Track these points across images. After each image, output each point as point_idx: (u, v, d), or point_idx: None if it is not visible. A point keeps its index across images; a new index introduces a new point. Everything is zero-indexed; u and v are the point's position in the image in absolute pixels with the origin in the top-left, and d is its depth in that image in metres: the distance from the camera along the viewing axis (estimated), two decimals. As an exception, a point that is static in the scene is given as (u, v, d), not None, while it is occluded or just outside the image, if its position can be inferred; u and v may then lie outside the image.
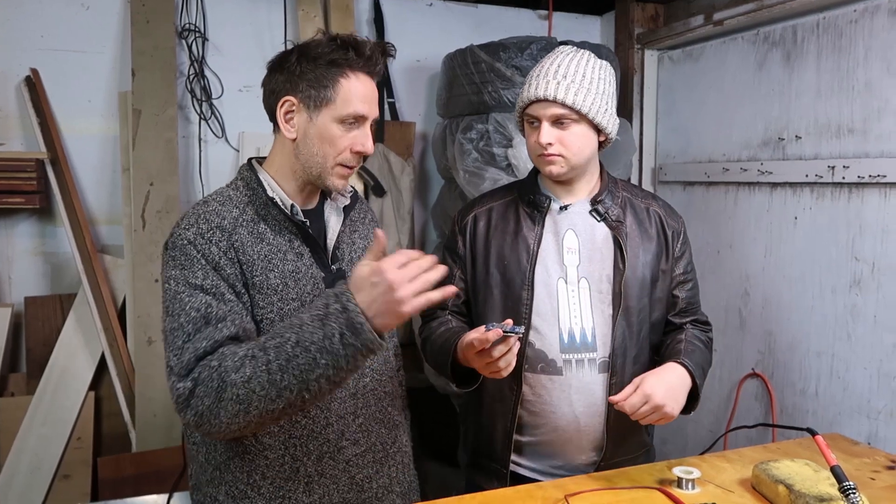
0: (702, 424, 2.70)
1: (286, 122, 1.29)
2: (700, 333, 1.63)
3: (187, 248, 1.23)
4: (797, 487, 1.25)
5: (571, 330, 1.53)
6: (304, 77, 1.27)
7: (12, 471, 2.35)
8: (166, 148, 2.50)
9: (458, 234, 1.66)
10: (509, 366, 1.35)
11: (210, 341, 1.17)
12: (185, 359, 1.16)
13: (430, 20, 2.99)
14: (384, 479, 1.42)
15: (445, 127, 2.67)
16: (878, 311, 2.03)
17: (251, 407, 1.12)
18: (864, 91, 2.06)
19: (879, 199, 2.02)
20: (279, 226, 1.31)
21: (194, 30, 2.63)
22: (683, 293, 1.64)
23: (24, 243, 2.52)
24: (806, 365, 2.25)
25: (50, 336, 2.48)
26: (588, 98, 1.48)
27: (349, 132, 1.29)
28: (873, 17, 2.03)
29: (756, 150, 2.43)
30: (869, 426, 2.05)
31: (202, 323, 1.18)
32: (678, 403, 1.42)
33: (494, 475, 1.60)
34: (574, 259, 1.55)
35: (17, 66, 2.46)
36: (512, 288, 1.55)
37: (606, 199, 1.58)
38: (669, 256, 1.61)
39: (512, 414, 1.56)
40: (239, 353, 1.14)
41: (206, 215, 1.27)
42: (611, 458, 1.55)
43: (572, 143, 1.50)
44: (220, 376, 1.13)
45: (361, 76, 1.30)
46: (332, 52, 1.27)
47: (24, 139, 2.49)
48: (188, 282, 1.21)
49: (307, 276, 1.30)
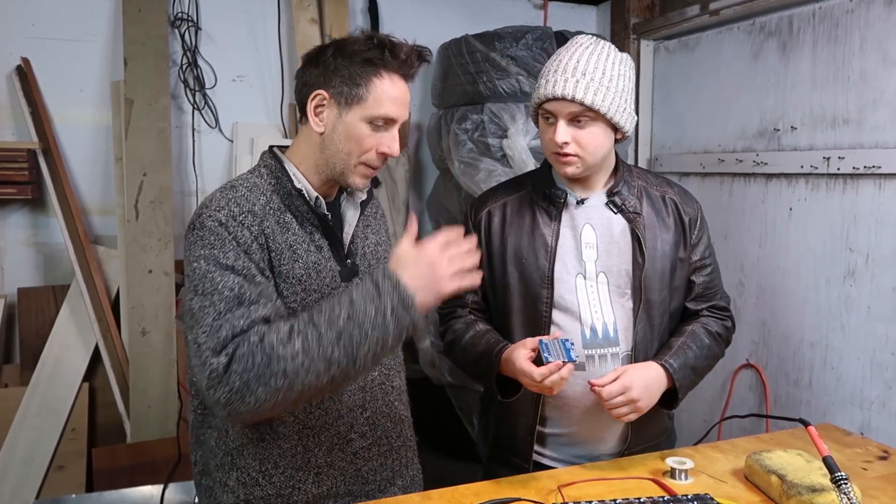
0: (696, 415, 2.71)
1: (315, 115, 1.29)
2: (714, 323, 1.61)
3: (218, 230, 1.21)
4: (790, 478, 1.25)
5: (594, 325, 1.51)
6: (338, 73, 1.26)
7: (6, 462, 2.34)
8: (159, 138, 2.48)
9: (472, 230, 1.62)
10: (561, 388, 1.37)
11: (247, 320, 1.15)
12: (222, 335, 1.13)
13: (425, 9, 2.97)
14: (387, 472, 1.43)
15: (440, 117, 2.66)
16: (871, 302, 2.03)
17: (296, 382, 1.11)
18: (859, 81, 2.05)
19: (874, 189, 2.02)
20: (302, 217, 1.31)
21: (187, 19, 2.61)
22: (700, 278, 1.61)
23: (17, 234, 2.51)
24: (800, 355, 2.26)
25: (43, 327, 2.47)
26: (607, 97, 1.44)
27: (377, 133, 1.28)
28: (869, 6, 2.02)
29: (751, 140, 2.43)
30: (862, 416, 2.06)
31: (235, 303, 1.16)
32: (650, 401, 1.43)
33: (516, 469, 1.57)
34: (592, 254, 1.53)
35: (8, 56, 2.44)
36: (531, 286, 1.53)
37: (623, 190, 1.55)
38: (687, 244, 1.58)
39: (535, 410, 1.54)
40: (283, 328, 1.13)
41: (237, 199, 1.25)
42: (634, 447, 1.55)
43: (589, 142, 1.46)
44: (265, 351, 1.11)
45: (395, 78, 1.28)
46: (367, 51, 1.26)
47: (15, 129, 2.47)
48: (219, 262, 1.18)
49: (326, 268, 1.31)
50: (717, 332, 1.61)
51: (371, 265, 1.41)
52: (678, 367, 1.48)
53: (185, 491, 2.26)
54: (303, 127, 1.34)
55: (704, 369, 1.58)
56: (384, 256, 1.46)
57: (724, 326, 1.64)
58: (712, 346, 1.58)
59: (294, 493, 1.31)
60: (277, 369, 1.10)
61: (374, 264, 1.41)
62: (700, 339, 1.56)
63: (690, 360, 1.51)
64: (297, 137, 1.37)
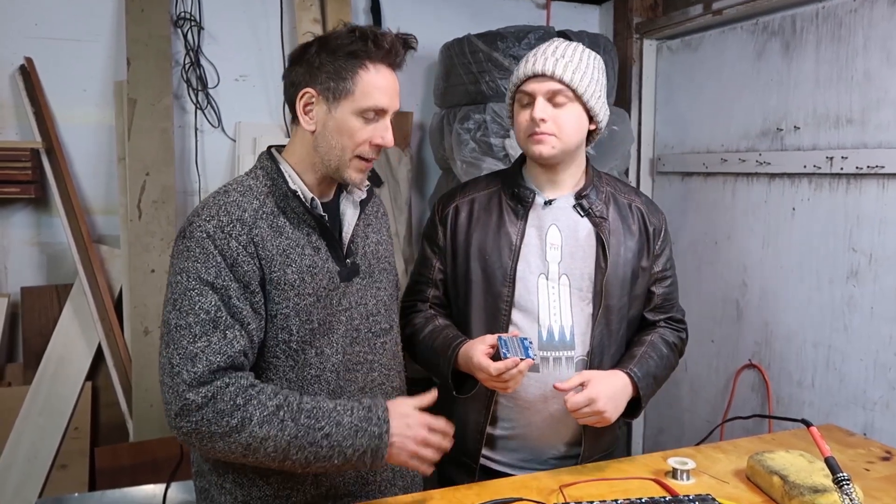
0: (698, 415, 2.71)
1: (305, 113, 1.28)
2: (670, 334, 1.62)
3: (205, 242, 1.21)
4: (792, 478, 1.25)
5: (551, 327, 1.51)
6: (324, 69, 1.26)
7: (9, 461, 2.35)
8: (162, 138, 2.48)
9: (438, 224, 1.63)
10: (516, 384, 1.38)
11: (224, 356, 1.17)
12: (199, 369, 1.15)
13: (428, 9, 2.97)
14: (388, 473, 1.43)
15: (443, 117, 2.66)
16: (874, 303, 2.03)
17: (253, 456, 1.18)
18: (862, 81, 2.05)
19: (877, 190, 2.01)
20: (298, 219, 1.30)
21: (189, 18, 2.61)
22: (660, 290, 1.62)
23: (20, 233, 2.51)
24: (802, 356, 2.25)
25: (46, 326, 2.48)
26: (584, 80, 1.47)
27: (368, 125, 1.28)
28: (873, 6, 2.01)
29: (754, 140, 2.43)
30: (865, 417, 2.05)
31: (210, 327, 1.18)
32: (617, 411, 1.44)
33: (464, 469, 1.59)
34: (556, 255, 1.53)
35: (12, 55, 2.44)
36: (492, 283, 1.53)
37: (591, 194, 1.56)
38: (650, 253, 1.59)
39: (486, 409, 1.55)
40: (269, 406, 1.17)
41: (227, 206, 1.25)
42: (590, 456, 1.56)
43: (566, 122, 1.47)
44: (242, 419, 1.15)
45: (382, 68, 1.28)
46: (351, 44, 1.25)
47: (18, 129, 2.47)
48: (200, 277, 1.19)
49: (323, 270, 1.30)
50: (674, 343, 1.62)
51: (371, 264, 1.40)
52: (642, 376, 1.48)
53: (188, 490, 2.26)
54: (295, 127, 1.34)
55: (663, 379, 1.58)
56: (385, 255, 1.46)
57: (680, 338, 1.66)
58: (670, 356, 1.60)
59: (293, 495, 1.31)
60: (243, 440, 1.15)
61: (374, 263, 1.41)
62: (659, 348, 1.57)
63: (652, 368, 1.52)
64: (291, 138, 1.37)
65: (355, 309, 1.35)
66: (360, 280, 1.37)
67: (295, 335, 1.27)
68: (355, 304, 1.35)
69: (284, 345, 1.27)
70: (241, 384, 1.17)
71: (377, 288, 1.41)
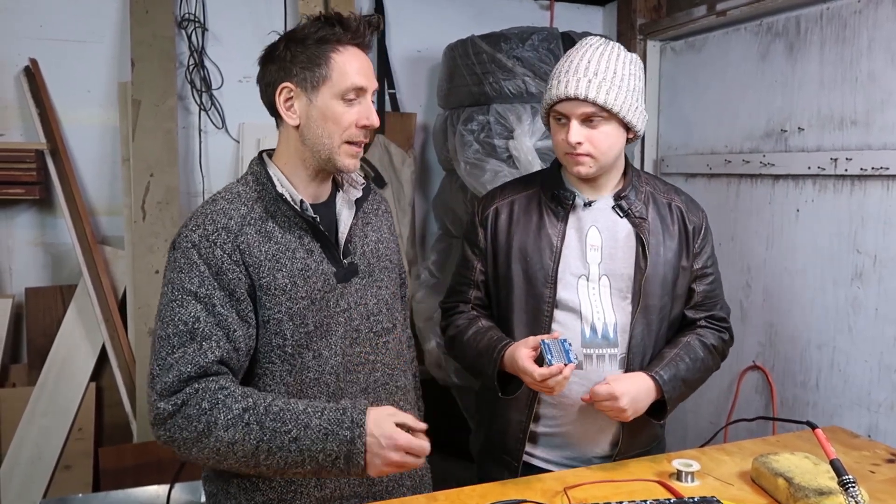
0: (702, 416, 2.71)
1: (287, 109, 1.28)
2: (710, 335, 1.61)
3: (189, 252, 1.23)
4: (797, 481, 1.25)
5: (594, 325, 1.52)
6: (296, 61, 1.26)
7: (13, 461, 2.36)
8: (166, 139, 2.49)
9: (478, 226, 1.63)
10: (561, 388, 1.39)
11: (195, 366, 1.17)
12: (169, 379, 1.16)
13: (431, 10, 2.98)
14: (395, 473, 1.40)
15: (446, 118, 2.66)
16: (879, 304, 2.02)
17: (225, 462, 1.17)
18: (867, 82, 2.04)
19: (882, 191, 2.01)
20: (289, 222, 1.29)
21: (193, 19, 2.62)
22: (701, 287, 1.61)
23: (25, 234, 2.52)
24: (807, 357, 2.25)
25: (51, 327, 2.49)
26: (620, 97, 1.44)
27: (352, 107, 1.28)
28: (877, 7, 2.01)
29: (758, 141, 2.42)
30: (869, 419, 2.05)
31: (187, 338, 1.19)
32: (637, 412, 1.45)
33: (506, 467, 1.59)
34: (596, 257, 1.53)
35: (17, 56, 2.45)
36: (534, 284, 1.53)
37: (630, 195, 1.56)
38: (690, 252, 1.59)
39: (529, 407, 1.55)
40: (234, 409, 1.15)
41: (213, 215, 1.26)
42: (626, 452, 1.55)
43: (601, 142, 1.47)
44: (208, 423, 1.15)
45: (351, 49, 1.29)
46: (318, 31, 1.26)
47: (23, 130, 2.48)
48: (183, 286, 1.21)
49: (317, 273, 1.29)
50: (713, 345, 1.60)
51: (371, 263, 1.39)
52: (668, 379, 1.48)
53: (192, 491, 2.26)
54: (280, 128, 1.34)
55: (697, 382, 1.58)
56: (386, 253, 1.45)
57: (721, 339, 1.64)
58: (706, 358, 1.58)
59: (296, 498, 1.30)
60: (212, 445, 1.15)
61: (373, 262, 1.40)
62: (694, 351, 1.56)
63: (682, 371, 1.51)
64: (278, 141, 1.36)
65: (355, 309, 1.35)
66: (360, 280, 1.36)
67: (290, 339, 1.27)
68: (354, 304, 1.35)
69: (279, 349, 1.27)
70: (211, 388, 1.17)
71: (378, 287, 1.40)
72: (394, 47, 2.90)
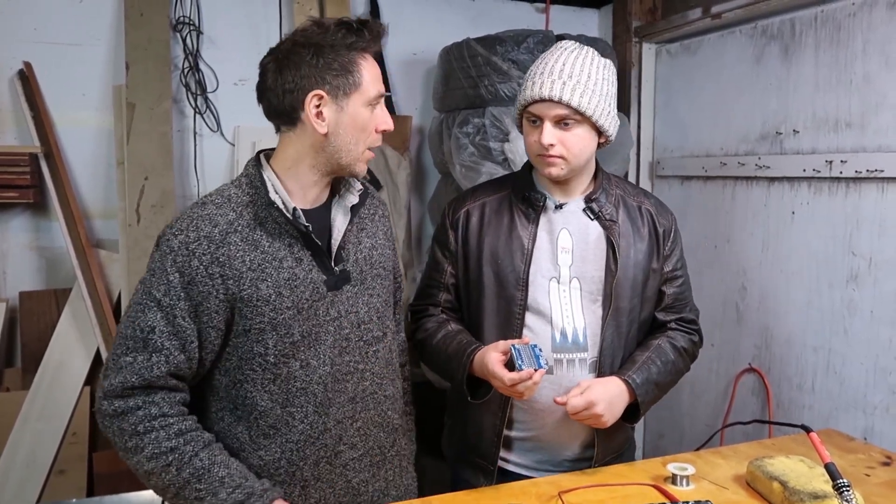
0: (698, 419, 2.70)
1: (316, 117, 1.24)
2: (680, 338, 1.62)
3: (166, 258, 1.22)
4: (791, 484, 1.25)
5: (564, 329, 1.52)
6: (330, 67, 1.23)
7: (7, 466, 2.34)
8: (161, 142, 2.48)
9: (449, 228, 1.63)
10: (531, 393, 1.39)
11: (139, 378, 1.20)
12: (115, 382, 1.20)
13: (427, 12, 2.97)
14: (380, 483, 1.41)
15: (442, 121, 2.65)
16: (874, 307, 2.02)
17: (148, 483, 1.23)
18: (862, 85, 2.05)
19: (877, 193, 2.01)
20: (279, 229, 1.27)
21: (189, 23, 2.61)
22: (671, 289, 1.62)
23: (19, 238, 2.51)
24: (802, 360, 2.25)
25: (45, 331, 2.47)
26: (593, 100, 1.46)
27: (373, 113, 1.29)
28: (872, 10, 2.01)
29: (754, 144, 2.42)
30: (865, 421, 2.05)
31: (140, 345, 1.20)
32: (614, 417, 1.46)
33: (482, 471, 1.59)
34: (567, 259, 1.54)
35: (11, 59, 2.44)
36: (505, 287, 1.53)
37: (601, 198, 1.57)
38: (660, 255, 1.60)
39: (503, 412, 1.55)
40: (163, 445, 1.19)
41: (198, 221, 1.24)
42: (602, 458, 1.56)
43: (574, 144, 1.48)
44: (136, 445, 1.19)
45: (369, 55, 1.29)
46: (346, 37, 1.24)
47: (17, 133, 2.47)
48: (150, 292, 1.22)
49: (305, 282, 1.27)
50: (683, 347, 1.61)
51: (364, 270, 1.37)
52: (640, 383, 1.49)
53: (186, 495, 2.26)
54: (288, 133, 1.29)
55: (668, 384, 1.59)
56: (379, 260, 1.42)
57: (691, 341, 1.65)
58: (677, 361, 1.59)
59: None
60: (135, 465, 1.21)
61: (366, 270, 1.38)
62: (665, 353, 1.57)
63: (654, 375, 1.52)
64: (280, 145, 1.32)
65: (345, 318, 1.32)
66: (351, 287, 1.34)
67: (272, 349, 1.25)
68: (345, 312, 1.32)
69: (260, 358, 1.26)
70: (150, 412, 1.20)
71: (369, 295, 1.37)
72: (389, 50, 2.90)
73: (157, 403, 1.21)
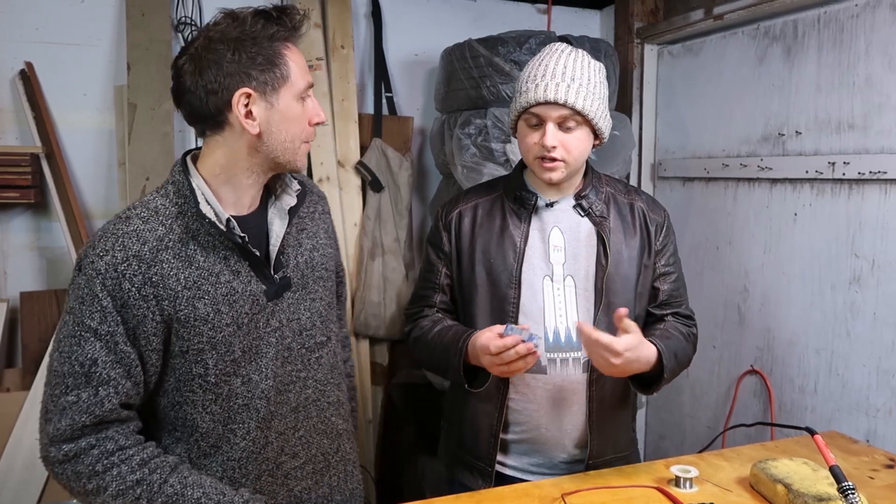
0: (700, 421, 2.70)
1: (246, 116, 1.15)
2: (680, 325, 1.61)
3: (93, 282, 1.11)
4: (796, 487, 1.24)
5: (557, 329, 1.52)
6: (254, 62, 1.14)
7: (8, 467, 2.34)
8: (162, 142, 2.48)
9: (442, 230, 1.65)
10: (527, 366, 1.36)
11: (90, 416, 1.11)
12: (62, 426, 1.11)
13: (429, 13, 2.97)
14: (324, 489, 1.37)
15: (443, 122, 2.65)
16: (877, 308, 2.02)
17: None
18: (864, 86, 2.04)
19: (880, 195, 2.00)
20: (212, 242, 1.18)
21: (190, 23, 2.61)
22: (665, 286, 1.62)
23: (19, 238, 2.51)
24: (805, 362, 2.24)
25: (46, 331, 2.47)
26: (594, 102, 1.47)
27: (305, 107, 1.22)
28: (875, 11, 2.01)
29: (756, 145, 2.42)
30: (868, 423, 2.04)
31: (83, 380, 1.11)
32: (625, 373, 1.40)
33: (479, 473, 1.59)
34: (560, 257, 1.55)
35: (12, 60, 2.44)
36: (498, 286, 1.54)
37: (591, 195, 1.58)
38: (652, 250, 1.60)
39: (499, 413, 1.55)
40: (128, 480, 1.12)
41: (124, 239, 1.13)
42: (598, 457, 1.55)
43: (574, 147, 1.49)
44: (98, 486, 1.12)
45: (292, 45, 1.20)
46: (266, 27, 1.15)
47: (18, 133, 2.47)
48: (83, 322, 1.12)
49: (244, 295, 1.20)
50: (687, 333, 1.61)
51: (305, 275, 1.31)
52: (665, 349, 1.45)
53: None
54: (215, 137, 1.20)
55: (682, 364, 1.55)
56: (321, 262, 1.36)
57: (691, 332, 1.64)
58: (682, 341, 1.58)
59: None
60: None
61: (307, 273, 1.31)
62: (675, 332, 1.56)
63: (673, 345, 1.50)
64: (207, 149, 1.22)
65: (287, 326, 1.27)
66: (292, 294, 1.28)
67: (212, 369, 1.19)
68: (286, 321, 1.27)
69: (200, 379, 1.19)
70: (106, 449, 1.12)
71: (311, 300, 1.32)
72: (391, 50, 2.90)
73: (111, 438, 1.13)
